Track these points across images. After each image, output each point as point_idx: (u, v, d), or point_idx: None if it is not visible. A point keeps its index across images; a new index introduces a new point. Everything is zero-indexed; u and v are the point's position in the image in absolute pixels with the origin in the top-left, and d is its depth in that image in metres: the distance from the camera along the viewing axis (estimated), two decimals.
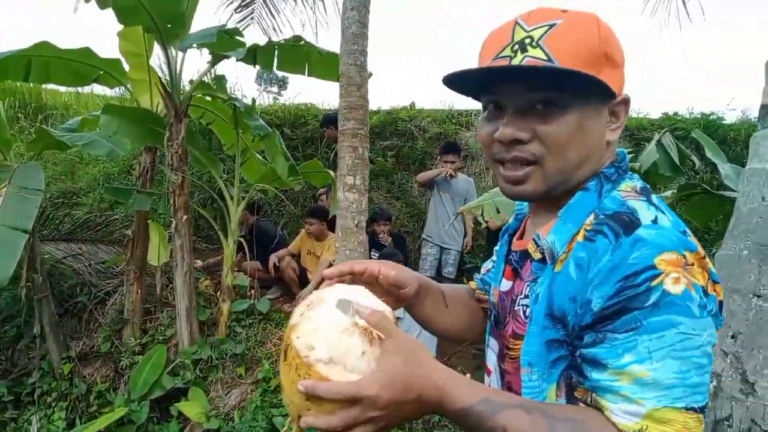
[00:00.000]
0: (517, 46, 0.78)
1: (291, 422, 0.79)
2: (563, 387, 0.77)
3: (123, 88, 5.04)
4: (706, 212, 2.89)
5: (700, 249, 0.70)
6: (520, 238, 0.98)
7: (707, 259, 0.71)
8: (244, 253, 4.96)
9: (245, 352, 4.49)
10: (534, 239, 0.86)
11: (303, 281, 5.28)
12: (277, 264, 5.33)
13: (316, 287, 3.58)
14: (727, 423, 1.35)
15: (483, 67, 0.80)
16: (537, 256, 0.85)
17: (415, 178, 5.84)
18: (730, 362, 1.36)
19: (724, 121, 6.98)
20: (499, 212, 2.87)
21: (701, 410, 0.66)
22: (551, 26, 0.77)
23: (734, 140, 6.66)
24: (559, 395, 0.78)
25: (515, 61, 0.77)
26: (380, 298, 0.83)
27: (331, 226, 5.01)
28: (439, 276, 5.21)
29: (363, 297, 0.79)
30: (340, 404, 0.68)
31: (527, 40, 0.77)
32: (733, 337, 1.38)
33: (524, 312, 0.86)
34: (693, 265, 0.68)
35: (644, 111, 7.53)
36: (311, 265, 5.35)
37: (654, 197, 0.79)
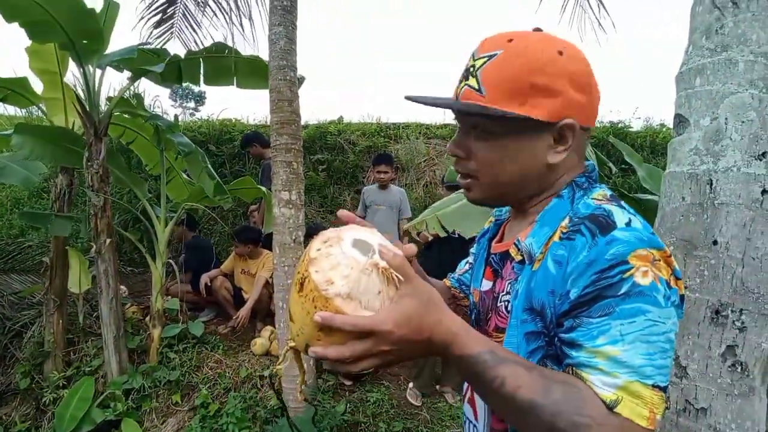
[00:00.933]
0: (465, 74, 0.88)
1: (286, 351, 0.81)
2: None
3: (32, 108, 4.75)
4: None
5: (666, 248, 0.78)
6: (500, 241, 1.05)
7: (672, 258, 0.78)
8: (175, 275, 4.78)
9: (180, 378, 4.31)
10: (515, 243, 0.92)
11: (237, 301, 5.13)
12: (209, 284, 5.16)
13: (253, 308, 3.49)
14: (666, 405, 1.46)
15: (409, 97, 0.91)
16: (518, 258, 0.91)
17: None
18: None
19: (631, 129, 7.50)
20: (443, 226, 2.94)
21: (664, 389, 0.73)
22: (491, 57, 0.84)
23: (641, 146, 7.17)
24: None
25: (460, 88, 0.89)
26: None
27: (269, 242, 4.93)
28: None
29: (381, 239, 0.81)
30: (354, 336, 0.71)
31: (471, 69, 0.87)
32: None
33: (506, 307, 0.92)
34: (659, 261, 0.75)
35: None
36: (246, 284, 5.21)
37: (623, 203, 0.86)
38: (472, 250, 1.19)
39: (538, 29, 0.90)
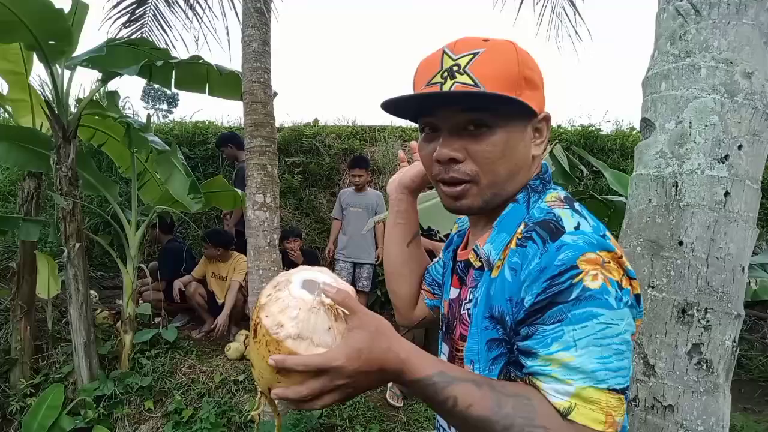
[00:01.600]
0: (446, 74, 0.85)
1: (260, 398, 0.82)
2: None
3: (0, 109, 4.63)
4: (595, 215, 3.15)
5: (617, 249, 0.79)
6: (464, 249, 1.05)
7: (624, 258, 0.79)
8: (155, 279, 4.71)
9: (152, 384, 4.24)
10: (474, 249, 0.93)
11: (211, 305, 5.07)
12: (183, 289, 5.09)
13: (229, 315, 3.46)
14: (635, 403, 1.49)
15: (419, 94, 0.87)
16: (477, 264, 0.92)
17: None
18: (633, 348, 1.50)
19: (601, 132, 7.62)
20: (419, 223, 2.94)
21: (622, 391, 0.74)
22: (475, 54, 0.84)
23: (611, 149, 7.29)
24: None
25: (446, 87, 0.84)
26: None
27: (242, 246, 4.87)
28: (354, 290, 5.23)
29: (327, 277, 0.83)
30: (309, 375, 0.72)
31: (455, 68, 0.84)
32: None
33: (469, 315, 0.92)
34: (609, 263, 0.76)
35: None
36: (218, 288, 5.15)
37: (576, 204, 0.88)
38: (440, 256, 1.19)
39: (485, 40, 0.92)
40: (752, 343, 5.46)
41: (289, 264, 5.05)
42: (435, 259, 1.24)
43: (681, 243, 1.47)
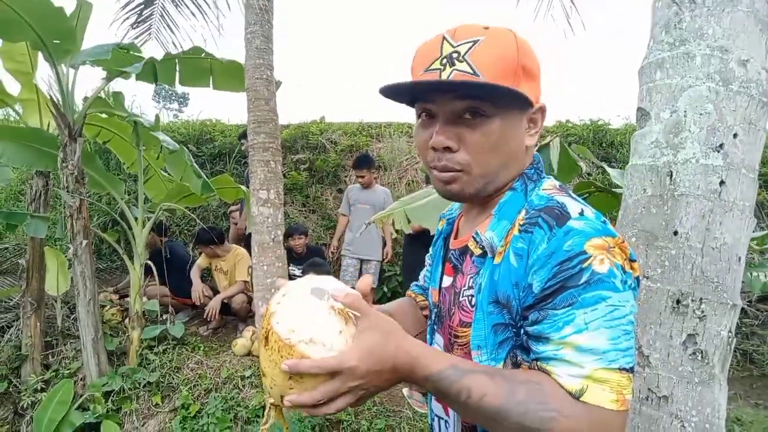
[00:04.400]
0: (445, 60, 0.85)
1: (269, 410, 0.84)
2: (509, 365, 0.85)
3: (8, 109, 4.68)
4: (602, 208, 3.14)
5: (618, 236, 0.81)
6: (456, 238, 1.06)
7: (626, 243, 0.81)
8: (152, 277, 4.74)
9: (160, 379, 4.28)
10: (474, 236, 0.94)
11: (223, 304, 5.07)
12: (206, 294, 5.15)
13: (234, 309, 3.50)
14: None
15: (418, 81, 0.87)
16: (477, 251, 0.92)
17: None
18: None
19: (610, 127, 7.57)
20: (409, 222, 2.93)
21: (631, 370, 0.75)
22: (475, 42, 0.84)
23: (620, 143, 7.24)
24: None
25: (444, 74, 0.84)
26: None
27: (248, 242, 4.90)
28: None
29: (335, 284, 0.85)
30: (322, 379, 0.74)
31: (455, 55, 0.84)
32: None
33: (470, 301, 0.93)
34: (614, 247, 0.78)
35: None
36: (218, 281, 5.23)
37: (571, 193, 0.90)
38: (428, 254, 1.20)
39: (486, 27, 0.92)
40: (765, 338, 5.40)
41: (295, 261, 5.08)
42: (422, 276, 1.27)
43: (676, 233, 1.46)
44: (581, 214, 0.81)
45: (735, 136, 1.43)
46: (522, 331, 0.82)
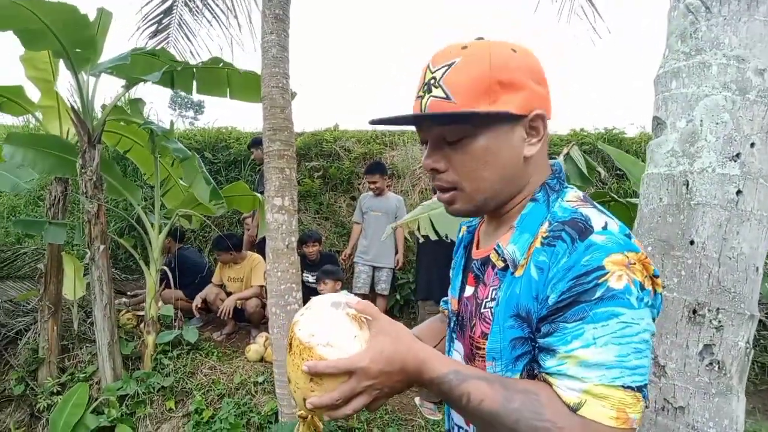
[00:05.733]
0: (426, 87, 0.88)
1: (299, 426, 0.93)
2: (525, 377, 0.86)
3: (29, 116, 4.78)
4: (618, 218, 3.12)
5: (642, 250, 0.80)
6: (477, 247, 1.06)
7: (648, 259, 0.80)
8: (167, 283, 4.79)
9: (174, 384, 4.32)
10: (495, 249, 0.93)
11: (236, 310, 5.12)
12: (207, 301, 5.19)
13: (248, 314, 3.55)
14: (645, 404, 1.47)
15: (390, 118, 0.90)
16: (500, 264, 0.92)
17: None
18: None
19: (625, 135, 7.51)
20: (435, 228, 2.94)
21: (639, 389, 0.74)
22: (450, 65, 0.86)
23: (635, 152, 7.18)
24: None
25: (424, 101, 0.88)
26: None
27: (262, 248, 4.93)
28: (372, 293, 5.26)
29: (351, 298, 0.92)
30: (339, 379, 0.80)
31: (432, 81, 0.87)
32: None
33: (491, 313, 0.93)
34: (635, 264, 0.77)
35: (553, 129, 7.96)
36: (235, 290, 5.24)
37: (597, 204, 0.89)
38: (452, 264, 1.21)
39: (480, 38, 0.92)
40: None
41: (308, 267, 5.09)
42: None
43: (692, 242, 1.45)
44: (605, 228, 0.80)
45: (752, 145, 1.42)
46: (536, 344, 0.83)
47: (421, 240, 3.73)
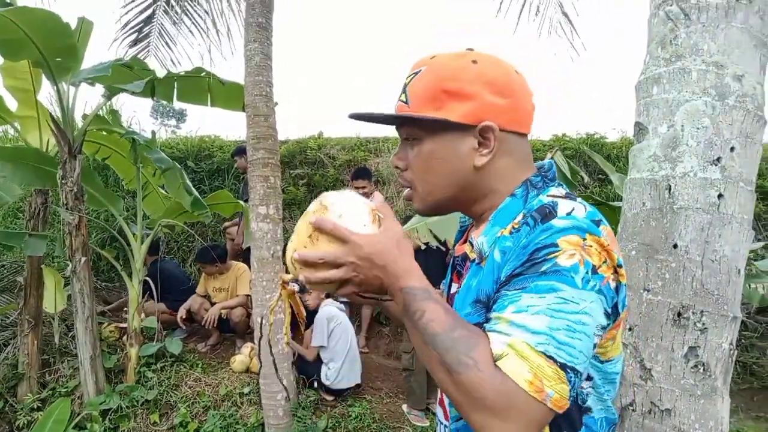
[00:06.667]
0: (401, 91, 0.95)
1: (281, 288, 0.98)
2: None
3: (7, 126, 4.70)
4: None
5: (604, 237, 0.79)
6: (462, 244, 1.07)
7: (611, 247, 0.79)
8: (150, 295, 4.72)
9: (158, 397, 4.24)
10: (470, 241, 0.97)
11: (220, 320, 5.06)
12: (191, 311, 5.13)
13: (232, 324, 3.51)
14: (632, 407, 1.48)
15: (359, 114, 0.96)
16: (473, 256, 0.94)
17: None
18: (630, 352, 1.50)
19: (606, 140, 7.60)
20: (434, 235, 2.96)
21: (563, 367, 0.72)
22: (417, 73, 0.93)
23: (617, 157, 7.26)
24: None
25: (396, 104, 0.96)
26: None
27: (248, 257, 4.89)
28: None
29: (377, 197, 1.00)
30: (332, 245, 0.86)
31: (404, 86, 0.95)
32: (630, 329, 1.52)
33: (452, 303, 0.96)
34: (591, 246, 0.77)
35: (536, 135, 8.02)
36: (220, 300, 5.19)
37: (578, 199, 0.87)
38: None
39: (470, 49, 0.95)
40: (765, 350, 5.39)
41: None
42: None
43: (675, 246, 1.47)
44: (569, 213, 0.80)
45: (732, 149, 1.45)
46: None
47: (423, 247, 3.74)
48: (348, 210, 0.89)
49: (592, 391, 0.87)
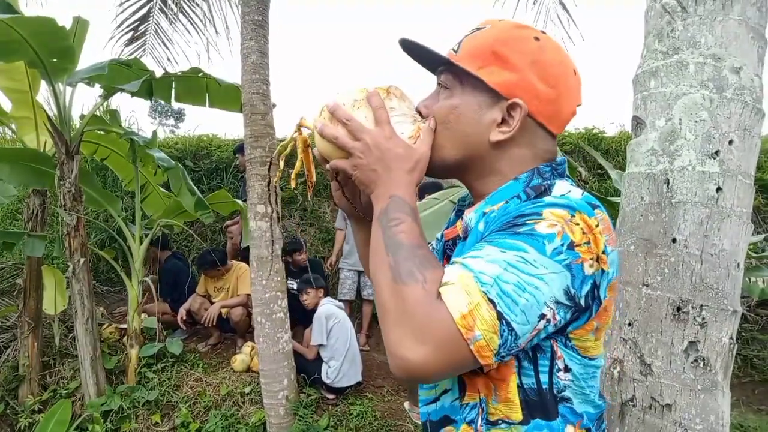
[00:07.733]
0: (457, 42, 0.93)
1: (295, 131, 1.00)
2: None
3: (4, 127, 4.69)
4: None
5: (595, 219, 0.75)
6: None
7: (600, 232, 0.75)
8: (150, 294, 4.72)
9: (159, 398, 4.25)
10: (462, 218, 0.93)
11: (221, 320, 5.07)
12: (191, 312, 5.12)
13: (233, 324, 3.48)
14: (632, 403, 1.47)
15: (414, 43, 0.92)
16: (461, 234, 0.92)
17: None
18: (629, 348, 1.49)
19: (605, 134, 7.58)
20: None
21: (500, 318, 0.69)
22: (479, 29, 0.90)
23: (616, 151, 7.24)
24: None
25: (446, 52, 0.92)
26: None
27: (247, 256, 4.88)
28: (359, 298, 5.24)
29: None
30: (369, 120, 0.87)
31: (461, 38, 0.92)
32: (629, 324, 1.51)
33: None
34: (578, 224, 0.73)
35: None
36: (221, 299, 5.18)
37: (584, 192, 0.84)
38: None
39: (543, 32, 0.91)
40: (765, 343, 5.39)
41: (293, 274, 5.06)
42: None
43: (674, 240, 1.46)
44: (564, 194, 0.78)
45: (730, 142, 1.44)
46: None
47: None
48: (401, 112, 0.90)
49: (571, 384, 0.82)
